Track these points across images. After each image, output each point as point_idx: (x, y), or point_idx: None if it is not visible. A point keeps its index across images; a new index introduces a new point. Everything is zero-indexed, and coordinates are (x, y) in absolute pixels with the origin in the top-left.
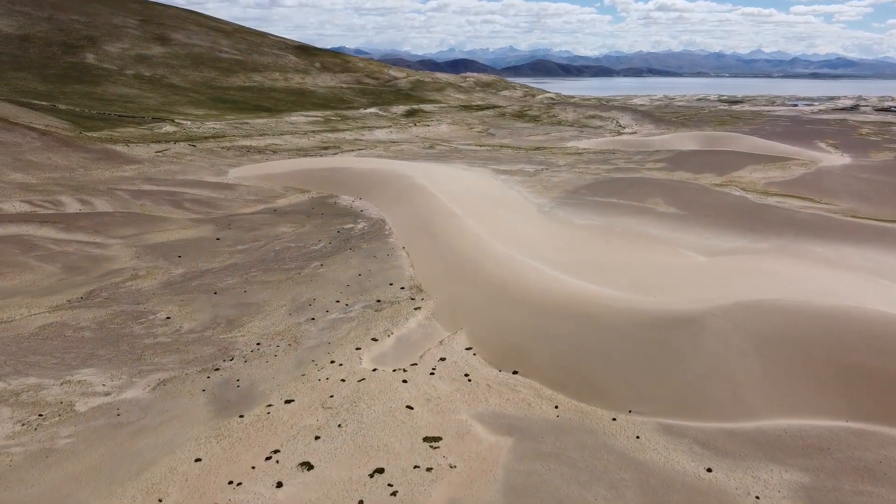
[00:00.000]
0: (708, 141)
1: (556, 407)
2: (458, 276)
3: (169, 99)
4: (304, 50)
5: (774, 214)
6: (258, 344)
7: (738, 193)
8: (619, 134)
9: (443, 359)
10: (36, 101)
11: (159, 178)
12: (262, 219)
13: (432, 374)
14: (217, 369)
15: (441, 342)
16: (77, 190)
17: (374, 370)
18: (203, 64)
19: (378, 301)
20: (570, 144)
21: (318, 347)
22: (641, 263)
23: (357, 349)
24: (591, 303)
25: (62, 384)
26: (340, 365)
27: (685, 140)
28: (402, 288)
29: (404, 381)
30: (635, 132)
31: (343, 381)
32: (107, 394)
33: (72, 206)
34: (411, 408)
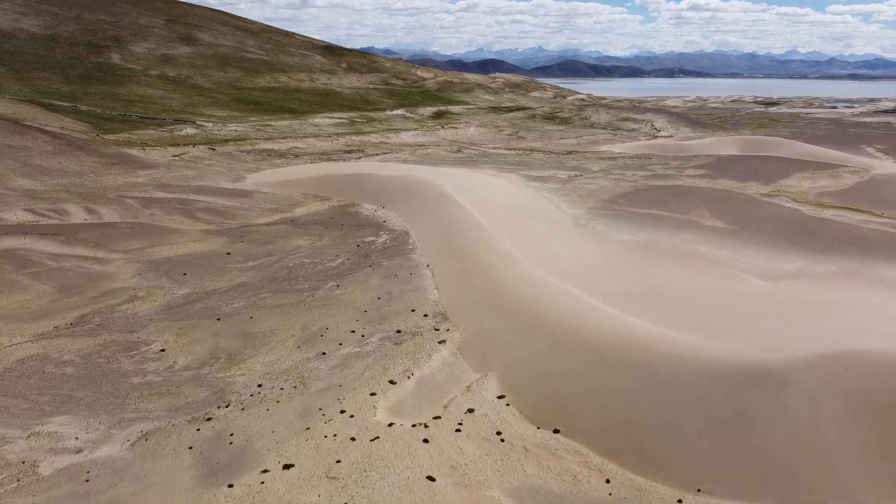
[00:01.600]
0: (749, 145)
1: (608, 482)
2: (487, 303)
3: (192, 100)
4: (330, 50)
5: (834, 230)
6: (259, 386)
7: (789, 205)
8: (655, 137)
9: (471, 410)
10: (57, 102)
11: (173, 185)
12: (277, 230)
13: (458, 430)
14: (209, 419)
15: (468, 387)
16: (85, 197)
17: (391, 425)
18: (228, 64)
19: (398, 332)
20: (603, 148)
21: (328, 391)
22: (695, 291)
23: (372, 395)
24: (647, 347)
25: (29, 437)
26: (351, 416)
27: (725, 144)
28: (426, 315)
29: (425, 441)
30: (671, 135)
31: (353, 439)
32: (78, 450)
33: (77, 215)
34: (432, 479)
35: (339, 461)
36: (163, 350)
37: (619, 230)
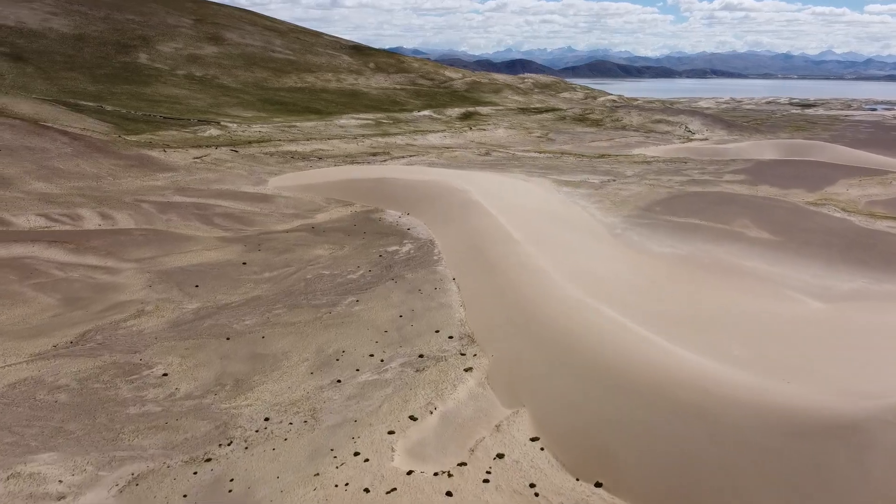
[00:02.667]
0: (789, 150)
1: None
2: (518, 326)
3: (218, 100)
4: (358, 50)
5: (892, 244)
6: (266, 419)
7: (839, 215)
8: (689, 140)
9: (500, 455)
10: (83, 102)
11: (192, 188)
12: (297, 238)
13: (486, 481)
14: (209, 459)
15: (498, 427)
16: (100, 202)
17: (410, 473)
18: (255, 64)
19: (420, 356)
20: (636, 152)
21: (341, 428)
22: (747, 315)
23: (390, 433)
24: (702, 388)
25: (8, 478)
26: (366, 461)
27: (763, 148)
28: (451, 337)
29: (448, 495)
30: (706, 138)
31: (367, 491)
32: (60, 496)
33: (91, 220)
34: None
35: None
36: (165, 374)
37: (658, 241)
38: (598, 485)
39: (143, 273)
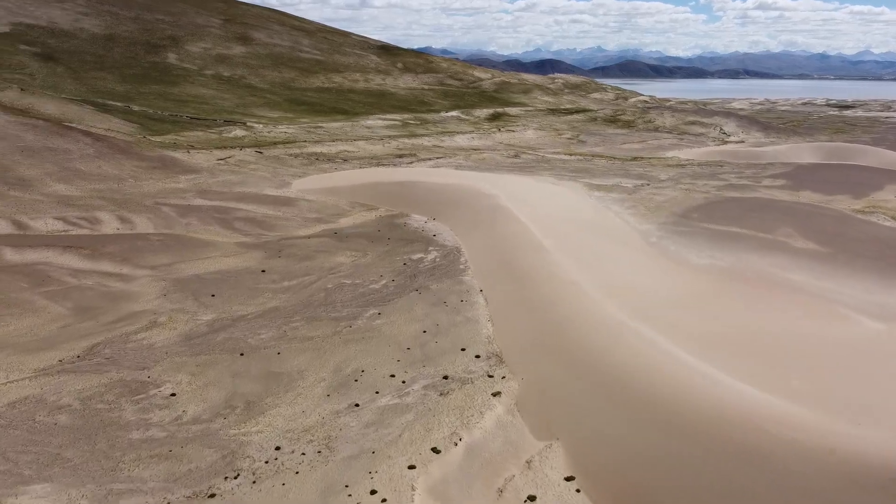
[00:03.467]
0: (830, 153)
1: None
2: (550, 346)
3: (245, 100)
4: (386, 50)
5: None
6: (277, 448)
7: (889, 224)
8: (724, 142)
9: (532, 498)
10: (111, 102)
11: (214, 191)
12: (319, 244)
13: None
14: (213, 495)
15: (529, 463)
16: (120, 205)
17: None
18: (283, 64)
19: (445, 378)
20: (670, 154)
21: (358, 460)
22: (800, 337)
23: (410, 468)
24: (760, 427)
25: None
26: (383, 501)
27: (802, 152)
28: (478, 357)
29: None
30: (742, 141)
31: None
32: None
33: (109, 224)
34: None
35: None
36: (173, 394)
37: (697, 251)
38: None
39: (158, 281)
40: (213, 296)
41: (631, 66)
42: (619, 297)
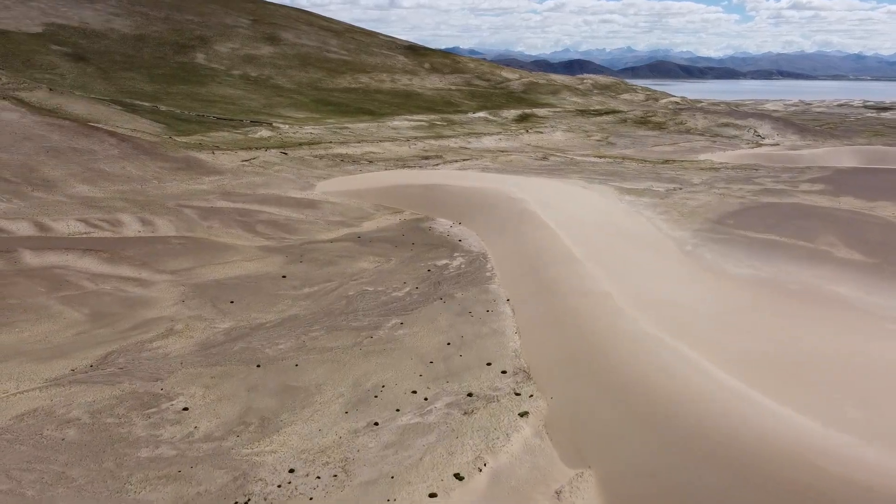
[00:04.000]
0: (870, 157)
1: None
2: (581, 364)
3: (271, 101)
4: (413, 50)
5: None
6: (291, 471)
7: None
8: (759, 145)
9: None
10: (138, 102)
11: (237, 193)
12: (341, 248)
13: None
14: None
15: (558, 493)
16: (142, 207)
17: None
18: (310, 64)
19: (469, 395)
20: (702, 157)
21: (375, 486)
22: (852, 358)
23: (431, 496)
24: (814, 465)
25: None
26: None
27: (841, 155)
28: (504, 372)
29: None
30: (777, 143)
31: None
32: None
33: (131, 226)
34: None
35: None
36: (186, 409)
37: (735, 260)
38: None
39: (177, 286)
40: (231, 302)
41: (661, 67)
42: (655, 312)
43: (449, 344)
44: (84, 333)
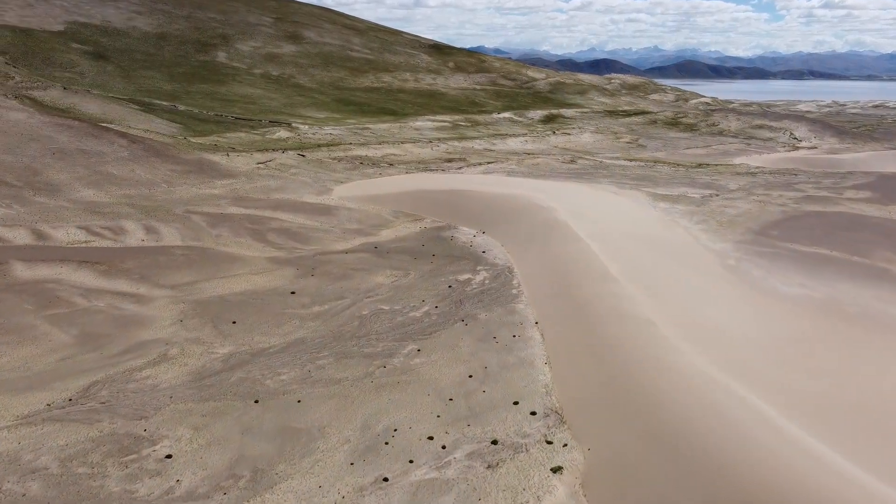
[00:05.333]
0: None
1: None
2: (621, 405)
3: (292, 100)
4: (438, 49)
5: None
6: None
7: None
8: (796, 148)
9: None
10: (157, 101)
11: (250, 198)
12: (356, 260)
13: None
14: None
15: None
16: (148, 213)
17: None
18: (332, 63)
19: (494, 443)
20: (737, 161)
21: None
22: None
23: None
24: None
25: None
26: None
27: (886, 159)
28: (533, 414)
29: None
30: (815, 146)
31: None
32: None
33: (134, 235)
34: None
35: None
36: (169, 456)
37: (784, 278)
38: None
39: (176, 303)
40: (234, 322)
41: (689, 67)
42: (702, 342)
43: (471, 376)
44: (68, 359)
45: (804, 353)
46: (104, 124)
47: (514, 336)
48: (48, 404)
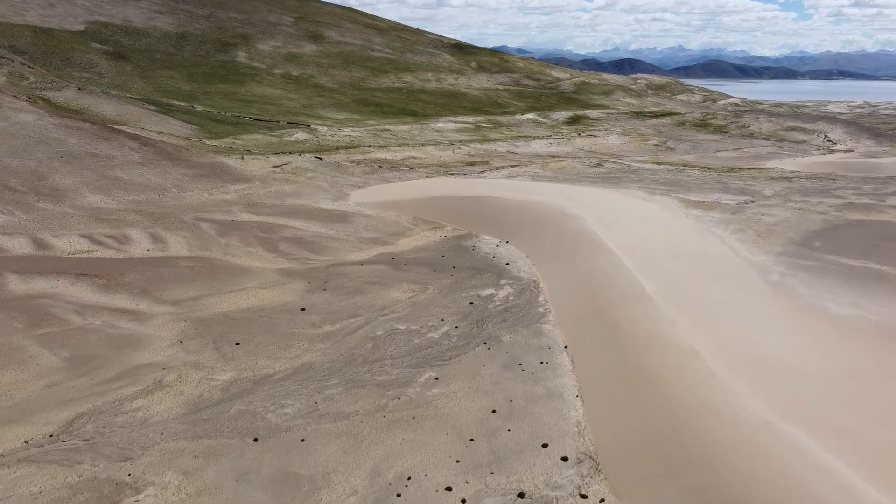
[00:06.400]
0: None
1: None
2: (668, 456)
3: (312, 101)
4: (460, 48)
5: None
6: None
7: None
8: (831, 151)
9: None
10: (174, 102)
11: (263, 204)
12: (372, 273)
13: None
14: None
15: None
16: (156, 220)
17: None
18: (353, 63)
19: (520, 496)
20: (770, 164)
21: None
22: None
23: None
24: None
25: None
26: None
27: None
28: (565, 459)
29: None
30: (851, 150)
31: None
32: None
33: (139, 244)
34: None
35: None
36: None
37: (834, 296)
38: None
39: (177, 321)
40: (237, 344)
41: (714, 66)
42: (755, 378)
43: (494, 411)
44: (55, 386)
45: (869, 390)
46: (116, 126)
47: (542, 363)
48: (26, 441)
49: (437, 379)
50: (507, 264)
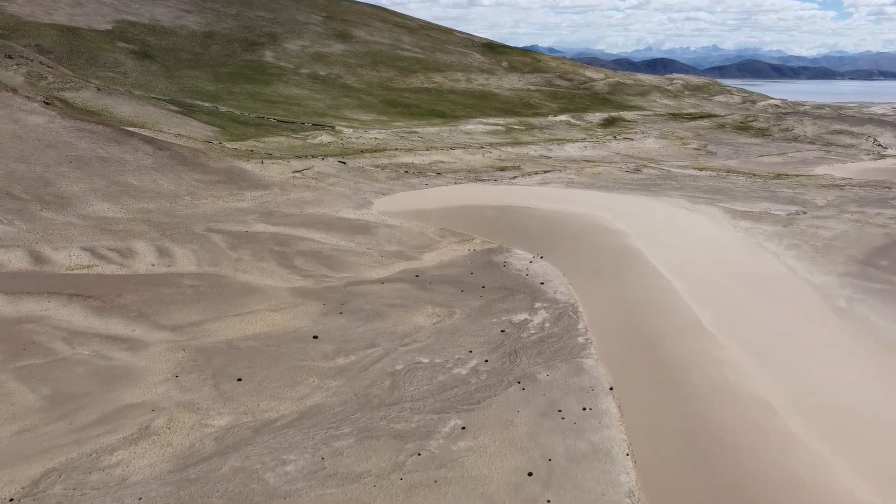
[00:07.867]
0: None
1: None
2: None
3: (338, 101)
4: (491, 48)
5: None
6: None
7: None
8: (882, 157)
9: None
10: (198, 102)
11: (281, 213)
12: (394, 293)
13: None
14: None
15: None
16: (165, 231)
17: None
18: (381, 63)
19: None
20: (819, 170)
21: None
22: None
23: None
24: None
25: None
26: None
27: None
28: None
29: None
30: None
31: None
32: None
33: (144, 258)
34: None
35: None
36: None
37: None
38: None
39: (174, 351)
40: (239, 380)
41: (750, 66)
42: (840, 438)
43: (531, 475)
44: (28, 432)
45: None
46: (130, 129)
47: (585, 409)
48: None
49: (463, 428)
50: (542, 284)
